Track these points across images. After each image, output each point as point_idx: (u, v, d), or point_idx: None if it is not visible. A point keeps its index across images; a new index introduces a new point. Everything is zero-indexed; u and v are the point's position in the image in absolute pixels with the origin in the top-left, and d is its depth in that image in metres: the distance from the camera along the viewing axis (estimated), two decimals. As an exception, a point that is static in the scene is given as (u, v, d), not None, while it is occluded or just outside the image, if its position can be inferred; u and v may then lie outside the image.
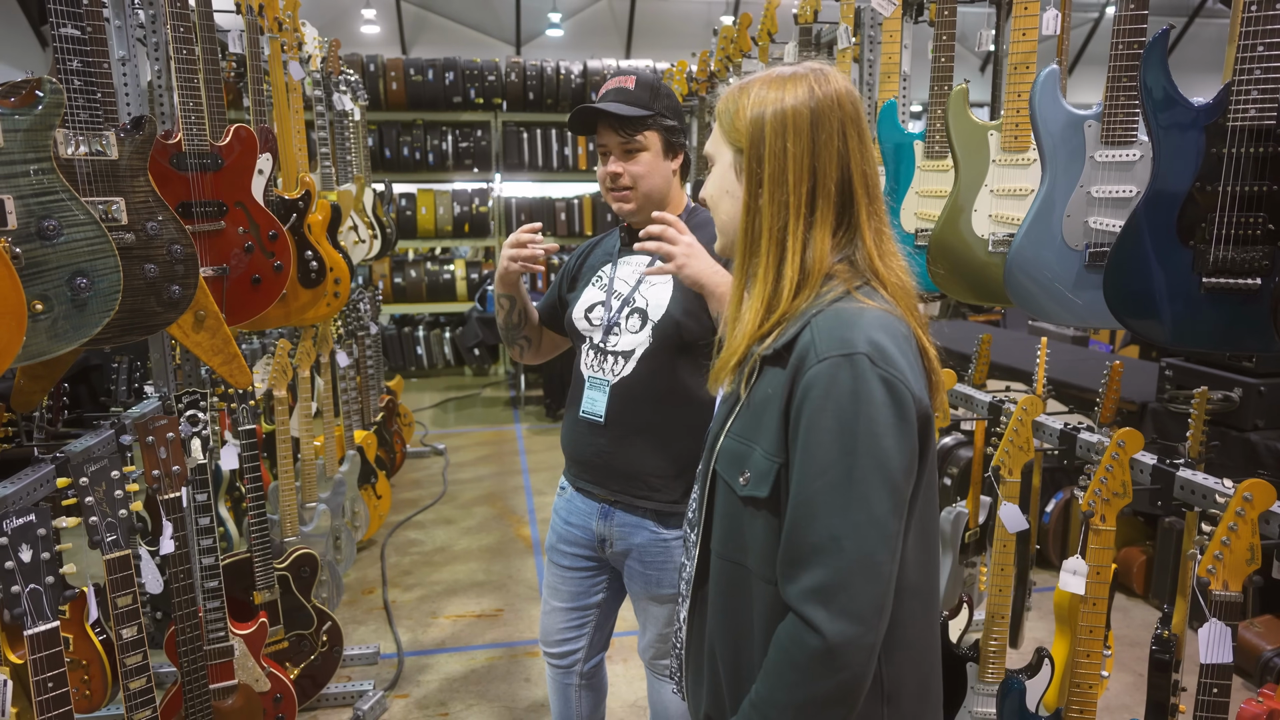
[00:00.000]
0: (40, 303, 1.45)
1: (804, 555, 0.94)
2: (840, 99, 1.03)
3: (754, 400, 1.03)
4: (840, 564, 0.91)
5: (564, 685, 2.04)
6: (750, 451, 1.02)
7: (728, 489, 1.06)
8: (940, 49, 2.09)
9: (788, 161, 1.02)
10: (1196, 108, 1.42)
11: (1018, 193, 1.86)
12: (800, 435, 0.96)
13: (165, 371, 2.42)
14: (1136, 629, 3.23)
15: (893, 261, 1.07)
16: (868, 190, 1.05)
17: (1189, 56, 13.47)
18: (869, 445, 0.93)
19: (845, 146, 1.03)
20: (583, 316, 1.86)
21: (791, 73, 1.05)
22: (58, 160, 1.55)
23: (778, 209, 1.03)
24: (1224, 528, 1.42)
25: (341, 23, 11.85)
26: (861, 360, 0.94)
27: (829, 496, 0.93)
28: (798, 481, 0.95)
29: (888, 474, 0.93)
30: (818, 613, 0.91)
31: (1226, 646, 1.42)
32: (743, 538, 1.04)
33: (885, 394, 0.94)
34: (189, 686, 2.01)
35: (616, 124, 1.72)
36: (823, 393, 0.94)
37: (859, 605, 0.91)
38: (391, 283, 7.42)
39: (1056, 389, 3.56)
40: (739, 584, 1.06)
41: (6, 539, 1.39)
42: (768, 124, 1.03)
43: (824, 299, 1.02)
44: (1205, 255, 1.43)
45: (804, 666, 0.93)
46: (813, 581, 0.92)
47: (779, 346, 1.01)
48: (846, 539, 0.91)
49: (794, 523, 0.95)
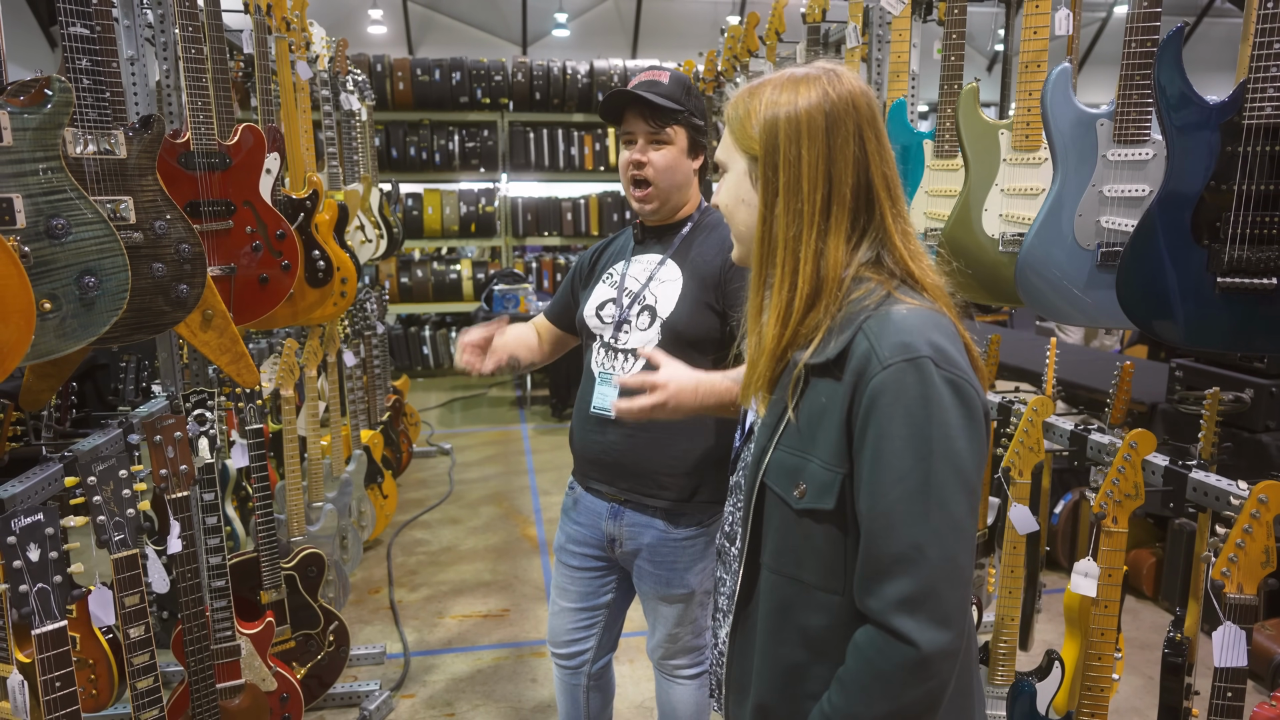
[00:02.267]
0: (48, 301, 1.45)
1: (887, 566, 0.91)
2: (855, 100, 1.01)
3: (807, 411, 1.00)
4: (926, 572, 0.90)
5: (572, 686, 2.03)
6: (805, 464, 1.00)
7: (780, 503, 1.03)
8: (950, 48, 2.08)
9: (802, 169, 0.99)
10: (1211, 106, 1.40)
11: (1028, 192, 1.84)
12: (870, 444, 0.93)
13: (173, 371, 2.42)
14: (1146, 631, 3.21)
15: (923, 261, 1.04)
16: (890, 192, 1.03)
17: (1198, 55, 13.41)
18: (944, 449, 0.91)
19: (862, 150, 1.00)
20: (593, 314, 1.86)
21: (804, 74, 1.02)
22: (66, 159, 1.55)
23: (792, 218, 1.01)
24: (1238, 530, 1.41)
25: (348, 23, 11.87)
26: (926, 364, 0.93)
27: (908, 504, 0.91)
28: (872, 492, 0.93)
29: (963, 476, 0.93)
30: (906, 623, 0.90)
31: (1241, 650, 1.41)
32: (800, 551, 1.02)
33: (953, 395, 0.93)
34: (196, 686, 2.01)
35: (648, 112, 1.72)
36: (891, 400, 0.92)
37: (947, 611, 0.90)
38: (398, 282, 7.43)
39: (1065, 390, 3.54)
40: (795, 598, 1.03)
41: (15, 538, 1.38)
42: (781, 130, 1.00)
43: (865, 302, 0.99)
44: (1220, 255, 1.42)
45: (892, 677, 0.91)
46: (899, 592, 0.90)
47: (830, 356, 0.98)
48: (930, 546, 0.90)
49: (872, 534, 0.93)
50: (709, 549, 1.85)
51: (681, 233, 1.84)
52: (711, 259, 1.78)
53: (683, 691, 1.98)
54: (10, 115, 1.40)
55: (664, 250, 1.84)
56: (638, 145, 1.75)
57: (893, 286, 1.00)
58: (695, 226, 1.84)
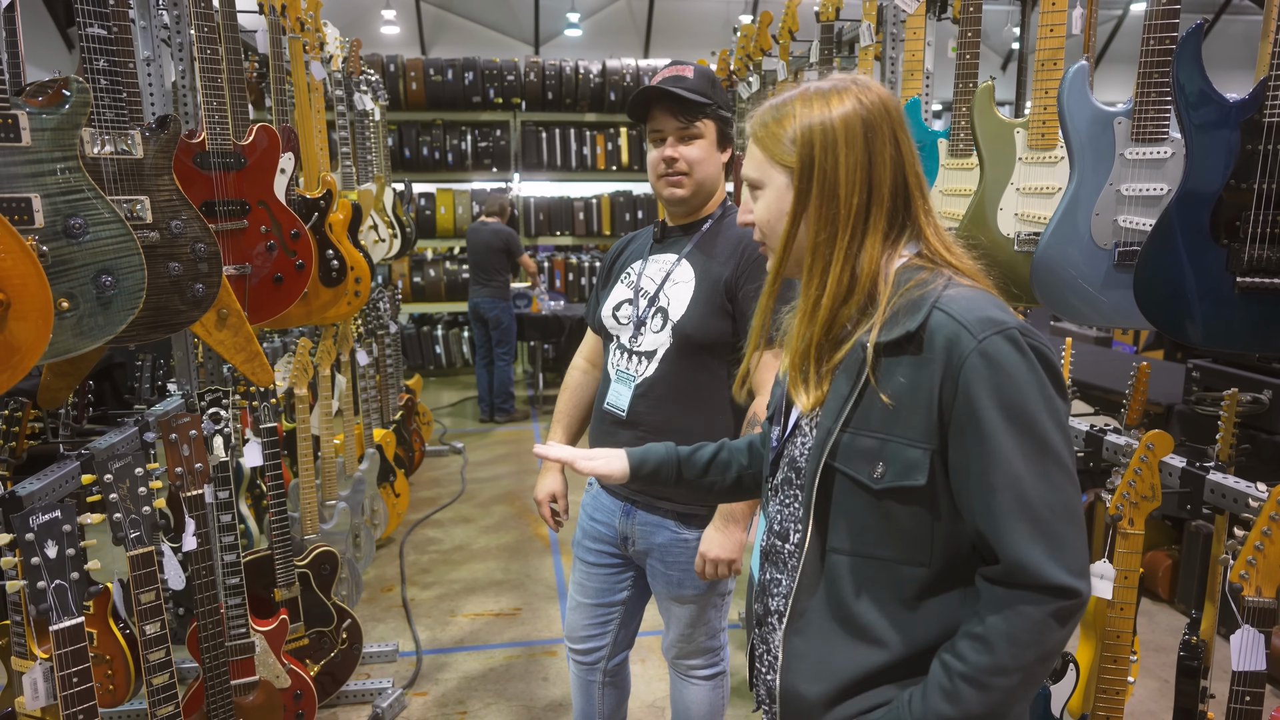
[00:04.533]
0: (66, 300, 1.46)
1: (1024, 526, 0.95)
2: (886, 104, 1.05)
3: (885, 391, 1.02)
4: (1059, 527, 0.95)
5: (587, 682, 2.03)
6: (883, 444, 1.02)
7: (853, 486, 1.05)
8: (965, 46, 2.06)
9: (840, 175, 1.03)
10: (1231, 104, 1.39)
11: (1044, 191, 1.83)
12: (979, 418, 0.96)
13: (188, 369, 2.44)
14: (1161, 634, 3.18)
15: (956, 249, 1.09)
16: (922, 190, 1.07)
17: (1216, 53, 13.27)
18: (1050, 409, 0.97)
19: (898, 150, 1.04)
20: (610, 315, 1.86)
21: (830, 87, 1.06)
22: (84, 159, 1.56)
23: (823, 223, 1.04)
24: (1257, 533, 1.39)
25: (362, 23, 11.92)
26: (1016, 334, 0.97)
27: (1031, 465, 0.96)
28: (988, 463, 0.96)
29: (1063, 428, 0.99)
30: (1057, 572, 0.94)
31: (1260, 653, 1.39)
32: (881, 533, 1.04)
33: (1042, 360, 0.98)
34: (211, 682, 2.02)
35: (676, 108, 1.71)
36: (995, 371, 0.96)
37: (1082, 557, 0.97)
38: (411, 282, 7.45)
39: (1081, 390, 3.52)
40: (875, 574, 1.06)
41: (33, 535, 1.40)
42: (817, 140, 1.03)
43: (930, 285, 1.02)
44: (1239, 254, 1.40)
45: (1044, 625, 0.96)
46: (1043, 550, 0.95)
47: (909, 329, 1.00)
48: (1058, 502, 0.96)
49: (1000, 500, 0.96)
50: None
51: (700, 232, 1.83)
52: (727, 259, 1.77)
53: (697, 692, 1.98)
54: (29, 115, 1.41)
55: (680, 250, 1.83)
56: (668, 142, 1.75)
57: (948, 273, 1.05)
58: (714, 225, 1.83)
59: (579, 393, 2.02)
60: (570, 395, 2.02)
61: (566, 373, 2.06)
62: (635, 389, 1.78)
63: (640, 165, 7.63)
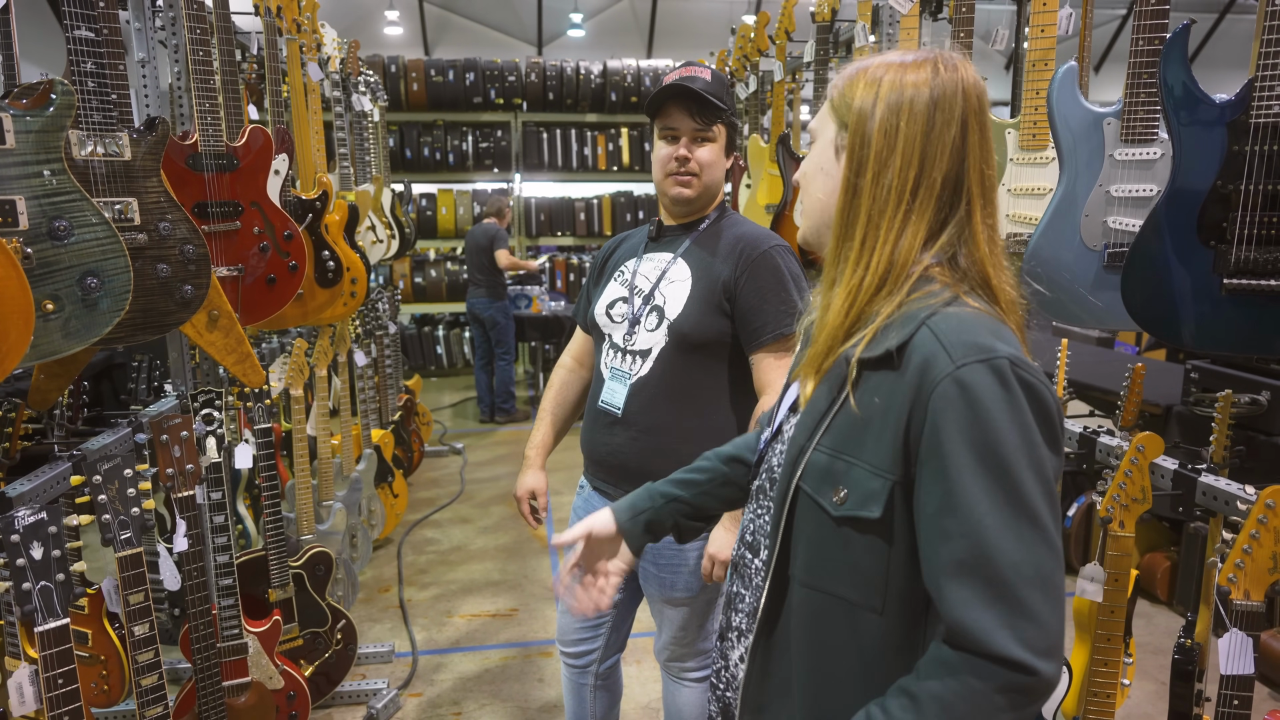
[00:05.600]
0: (51, 302, 1.47)
1: (978, 588, 0.83)
2: (966, 88, 0.95)
3: (856, 410, 0.92)
4: (1023, 592, 0.82)
5: (579, 685, 2.03)
6: (848, 468, 0.92)
7: (816, 509, 0.95)
8: (958, 46, 2.05)
9: (898, 141, 0.93)
10: (1218, 104, 1.38)
11: (1035, 192, 1.82)
12: (943, 452, 0.85)
13: (183, 370, 2.44)
14: (1160, 636, 3.17)
15: (1005, 273, 0.97)
16: (984, 192, 0.96)
17: (1220, 54, 13.22)
18: (1029, 456, 0.85)
19: (964, 140, 0.94)
20: (604, 313, 1.85)
21: (916, 56, 0.98)
22: (71, 161, 1.56)
23: (880, 191, 0.94)
24: (1245, 535, 1.39)
25: (365, 24, 11.94)
26: (1004, 364, 0.85)
27: (997, 518, 0.83)
28: (950, 506, 0.85)
29: (1047, 483, 0.86)
30: (1013, 646, 0.81)
31: (1248, 657, 1.38)
32: (837, 564, 0.94)
33: (1033, 399, 0.86)
34: (203, 683, 2.02)
35: (695, 109, 1.72)
36: (969, 403, 0.84)
37: (1050, 633, 0.83)
38: (412, 282, 7.46)
39: (1078, 391, 3.50)
40: (833, 617, 0.95)
41: (18, 536, 1.40)
42: (881, 100, 0.95)
43: (929, 301, 0.92)
44: (1227, 256, 1.39)
45: (985, 702, 0.82)
46: (996, 616, 0.82)
47: (891, 347, 0.90)
48: (1025, 563, 0.82)
49: (956, 551, 0.84)
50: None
51: (696, 232, 1.83)
52: (724, 259, 1.77)
53: (689, 694, 1.98)
54: (13, 118, 1.41)
55: (676, 249, 1.82)
56: (681, 142, 1.75)
57: (962, 290, 0.94)
58: (711, 225, 1.83)
59: (565, 391, 2.02)
60: (556, 393, 2.02)
61: (553, 371, 2.06)
62: (631, 387, 1.78)
63: (641, 166, 7.63)
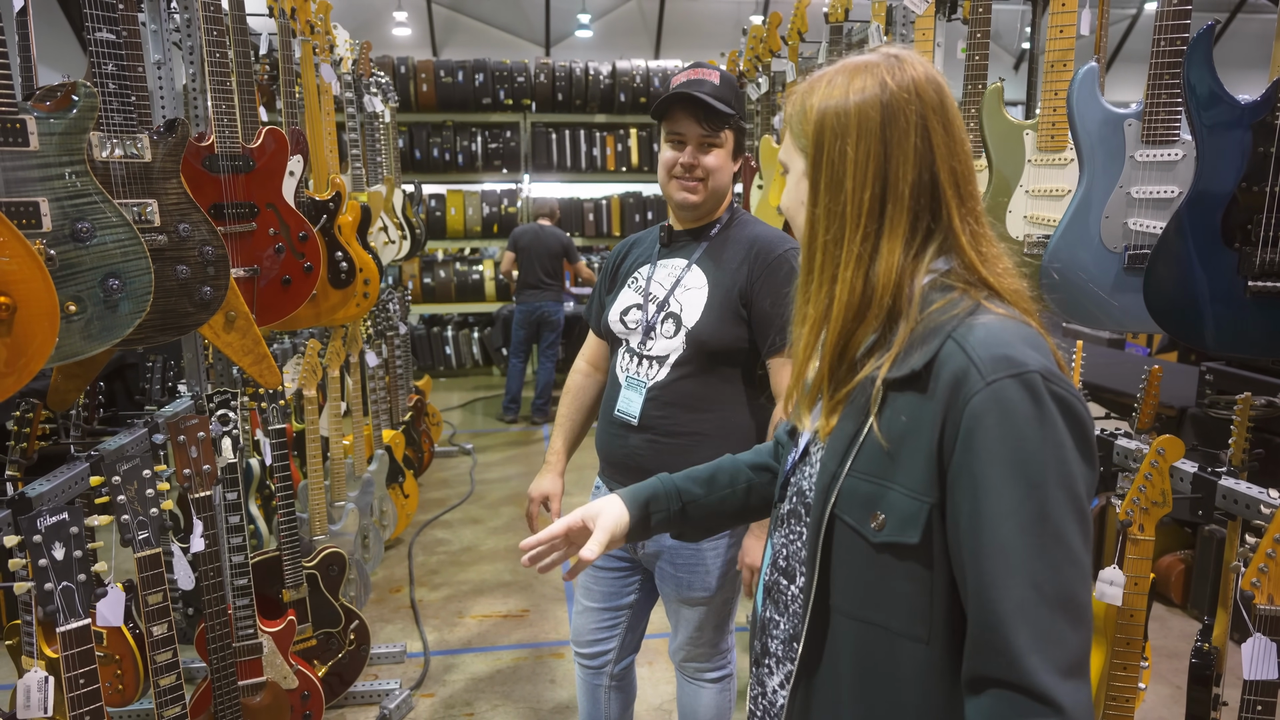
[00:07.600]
0: (74, 304, 1.47)
1: (1008, 613, 0.80)
2: (919, 88, 0.91)
3: (886, 432, 0.88)
4: (1052, 618, 0.79)
5: (593, 686, 2.03)
6: (885, 492, 0.88)
7: (854, 537, 0.91)
8: (974, 47, 2.05)
9: (847, 166, 0.90)
10: (1243, 105, 1.37)
11: (1054, 193, 1.82)
12: (973, 471, 0.82)
13: (198, 371, 2.45)
14: (1174, 640, 3.15)
15: (998, 266, 0.94)
16: (959, 189, 0.92)
17: (1231, 53, 13.14)
18: (1059, 474, 0.81)
19: (926, 142, 0.90)
20: (618, 320, 1.85)
21: (862, 63, 0.93)
22: (92, 163, 1.57)
23: (831, 219, 0.92)
24: (1269, 540, 1.38)
25: (373, 25, 11.96)
26: (1035, 379, 0.82)
27: (1024, 539, 0.80)
28: (975, 528, 0.82)
29: (1079, 504, 0.82)
30: (1045, 678, 0.78)
31: (1272, 662, 1.38)
32: (879, 593, 0.90)
33: (1065, 414, 0.83)
34: (218, 683, 2.03)
35: (702, 115, 1.71)
36: (998, 420, 0.82)
37: (1079, 659, 0.80)
38: (421, 283, 7.47)
39: (1093, 393, 3.49)
40: (880, 648, 0.91)
41: (40, 536, 1.41)
42: (827, 126, 0.91)
43: (953, 311, 0.89)
44: (1251, 258, 1.38)
45: None
46: (1025, 643, 0.79)
47: (916, 367, 0.87)
48: (1048, 585, 0.80)
49: (986, 577, 0.81)
50: (731, 553, 1.84)
51: (708, 237, 1.82)
52: (739, 265, 1.76)
53: (704, 694, 1.98)
54: (37, 120, 1.42)
55: (690, 255, 1.82)
56: (688, 149, 1.74)
57: (981, 296, 0.91)
58: (722, 230, 1.83)
59: (581, 396, 2.02)
60: (573, 399, 2.02)
61: (569, 376, 2.06)
62: (647, 394, 1.78)
63: (650, 167, 7.62)
